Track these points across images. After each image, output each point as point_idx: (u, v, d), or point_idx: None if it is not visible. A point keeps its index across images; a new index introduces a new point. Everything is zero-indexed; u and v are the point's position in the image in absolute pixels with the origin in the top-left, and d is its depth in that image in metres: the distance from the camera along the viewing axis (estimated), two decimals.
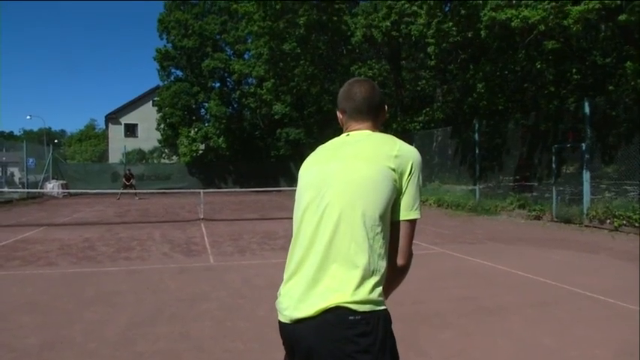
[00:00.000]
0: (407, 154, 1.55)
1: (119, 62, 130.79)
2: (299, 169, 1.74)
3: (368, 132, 1.67)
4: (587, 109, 11.10)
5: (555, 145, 12.22)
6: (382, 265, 1.47)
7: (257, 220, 13.47)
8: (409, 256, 1.54)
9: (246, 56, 30.93)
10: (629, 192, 10.59)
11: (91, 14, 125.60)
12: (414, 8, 16.36)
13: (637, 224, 9.46)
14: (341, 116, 1.75)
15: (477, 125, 15.44)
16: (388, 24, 16.87)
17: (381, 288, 1.46)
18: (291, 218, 1.69)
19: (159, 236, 10.06)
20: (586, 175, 11.06)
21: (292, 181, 24.56)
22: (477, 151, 15.54)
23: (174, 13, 30.88)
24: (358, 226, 1.45)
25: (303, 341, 1.44)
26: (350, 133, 1.69)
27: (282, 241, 9.06)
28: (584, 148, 11.08)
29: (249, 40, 28.65)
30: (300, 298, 1.46)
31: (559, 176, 12.29)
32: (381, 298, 1.45)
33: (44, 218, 14.11)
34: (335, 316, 1.40)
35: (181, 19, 30.38)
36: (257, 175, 28.54)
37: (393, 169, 1.51)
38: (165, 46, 31.64)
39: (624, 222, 9.82)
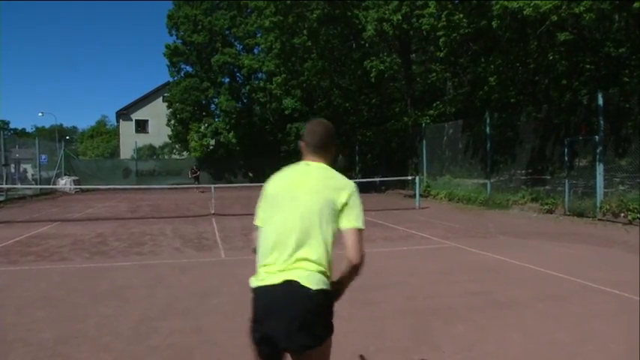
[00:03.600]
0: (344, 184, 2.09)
1: (129, 58, 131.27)
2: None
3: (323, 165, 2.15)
4: (600, 101, 10.95)
5: (568, 138, 12.07)
6: None
7: None
8: None
9: (255, 51, 30.91)
10: None
11: (99, 10, 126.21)
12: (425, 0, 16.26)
13: None
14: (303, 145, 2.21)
15: (488, 118, 15.31)
16: (399, 17, 16.70)
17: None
18: None
19: (170, 231, 10.12)
20: (599, 168, 10.93)
21: None
22: (488, 145, 15.42)
23: (184, 8, 30.91)
24: None
25: None
26: (310, 163, 2.16)
27: None
28: (597, 140, 10.95)
29: (259, 35, 28.62)
30: None
31: (572, 169, 12.15)
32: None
33: (57, 214, 14.26)
34: None
35: (190, 14, 30.39)
36: (267, 170, 28.56)
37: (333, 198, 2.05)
38: (174, 41, 31.71)
39: (639, 215, 9.69)
